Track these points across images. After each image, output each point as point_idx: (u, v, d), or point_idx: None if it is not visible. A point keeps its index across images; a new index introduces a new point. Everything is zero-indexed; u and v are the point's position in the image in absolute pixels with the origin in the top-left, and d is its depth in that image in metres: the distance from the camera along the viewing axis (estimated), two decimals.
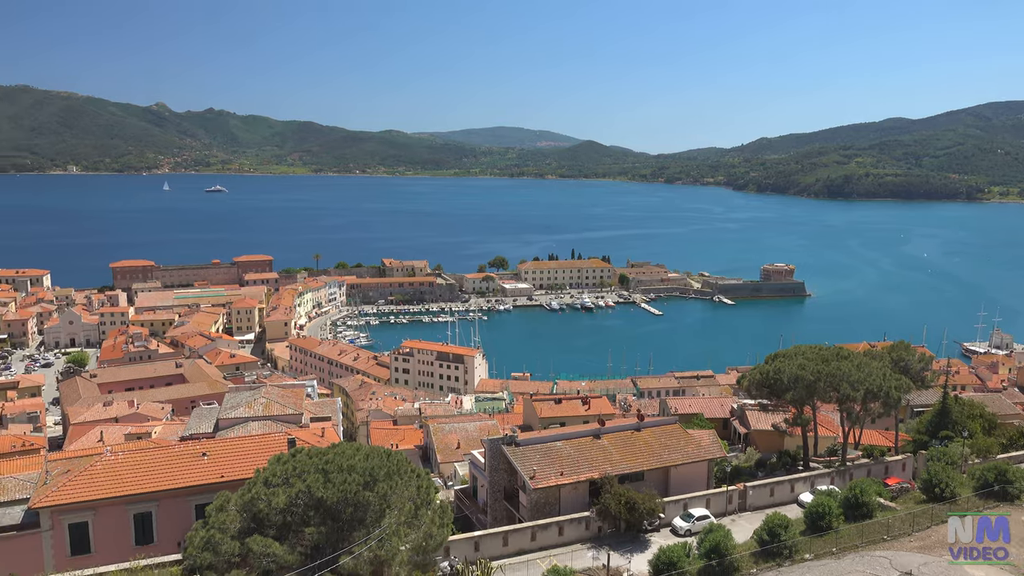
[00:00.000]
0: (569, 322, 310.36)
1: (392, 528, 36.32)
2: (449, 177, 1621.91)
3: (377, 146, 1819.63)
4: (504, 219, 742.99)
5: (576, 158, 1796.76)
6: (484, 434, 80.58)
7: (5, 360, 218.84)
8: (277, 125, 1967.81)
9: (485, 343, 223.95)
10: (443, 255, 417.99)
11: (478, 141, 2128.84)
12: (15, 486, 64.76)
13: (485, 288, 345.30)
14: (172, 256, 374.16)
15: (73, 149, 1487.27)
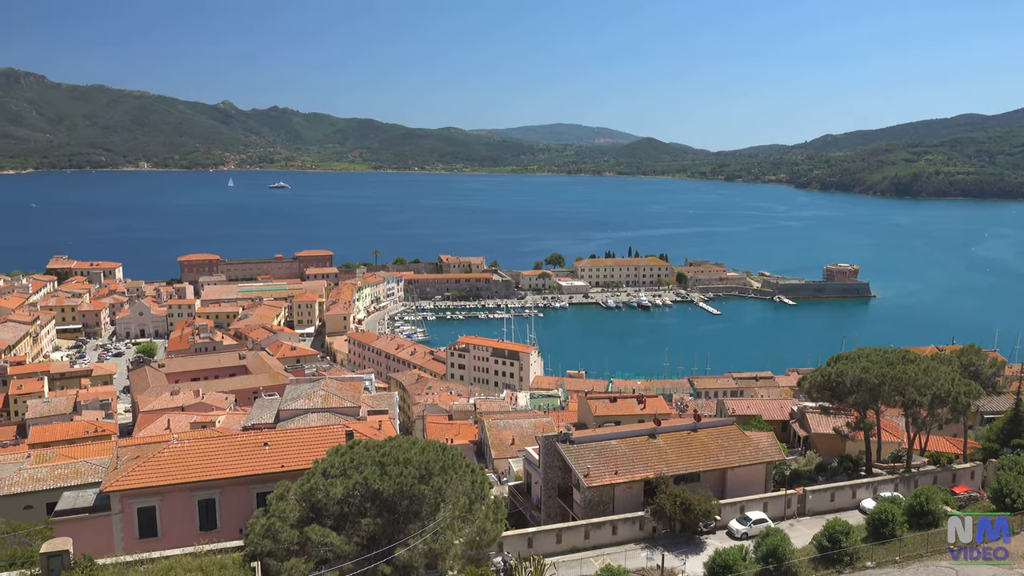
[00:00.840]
0: (625, 320, 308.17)
1: (447, 522, 36.65)
2: (507, 174, 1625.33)
3: (436, 143, 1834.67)
4: (561, 216, 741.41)
5: (634, 155, 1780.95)
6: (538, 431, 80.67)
7: (80, 349, 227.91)
8: (339, 122, 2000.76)
9: (540, 340, 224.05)
10: (500, 252, 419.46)
11: (536, 138, 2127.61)
12: (88, 470, 67.65)
13: (541, 285, 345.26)
14: (236, 250, 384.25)
15: (144, 146, 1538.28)
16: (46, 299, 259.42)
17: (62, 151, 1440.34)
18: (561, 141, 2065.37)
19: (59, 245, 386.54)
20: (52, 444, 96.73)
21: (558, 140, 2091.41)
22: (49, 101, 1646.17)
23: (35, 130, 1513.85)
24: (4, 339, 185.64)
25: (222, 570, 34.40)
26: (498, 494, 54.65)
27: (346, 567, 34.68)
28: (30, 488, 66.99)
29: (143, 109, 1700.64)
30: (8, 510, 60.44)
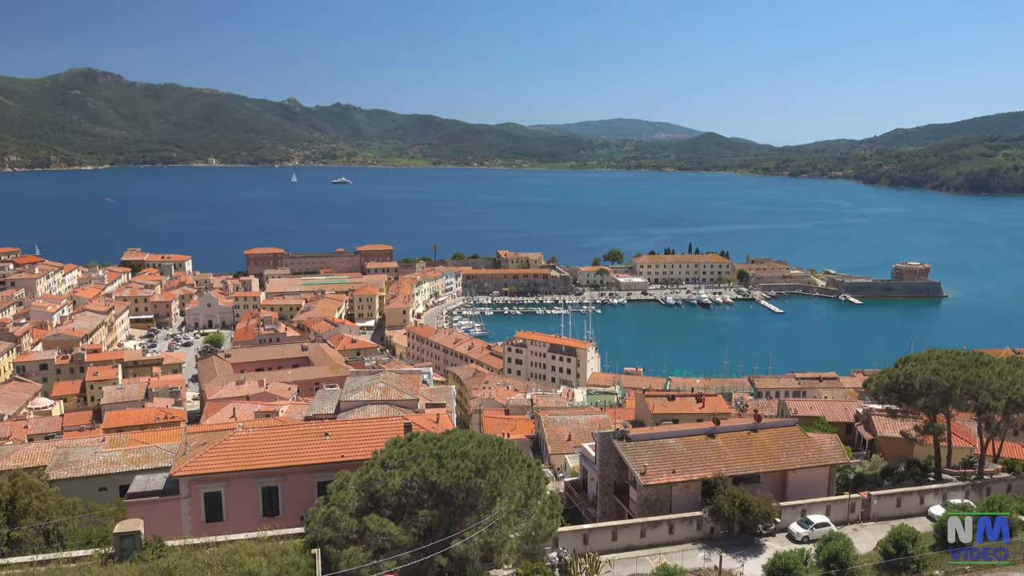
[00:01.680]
0: (685, 318, 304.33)
1: (502, 516, 36.87)
2: (565, 169, 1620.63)
3: (495, 139, 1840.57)
4: (620, 212, 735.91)
5: (696, 150, 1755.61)
6: (595, 427, 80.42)
7: (151, 338, 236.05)
8: (399, 119, 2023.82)
9: (598, 336, 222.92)
10: (558, 247, 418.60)
11: (595, 133, 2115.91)
12: (159, 455, 70.06)
13: (599, 281, 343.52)
14: (300, 244, 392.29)
15: (213, 143, 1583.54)
16: (120, 290, 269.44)
17: (136, 147, 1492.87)
18: (621, 136, 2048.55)
19: (133, 238, 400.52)
20: (125, 429, 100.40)
21: (618, 135, 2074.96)
22: (125, 99, 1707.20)
23: (112, 127, 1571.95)
24: (82, 328, 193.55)
25: (284, 556, 35.27)
26: (554, 490, 54.76)
27: (403, 557, 35.19)
28: (104, 471, 69.76)
29: (212, 107, 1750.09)
30: (84, 491, 63.03)
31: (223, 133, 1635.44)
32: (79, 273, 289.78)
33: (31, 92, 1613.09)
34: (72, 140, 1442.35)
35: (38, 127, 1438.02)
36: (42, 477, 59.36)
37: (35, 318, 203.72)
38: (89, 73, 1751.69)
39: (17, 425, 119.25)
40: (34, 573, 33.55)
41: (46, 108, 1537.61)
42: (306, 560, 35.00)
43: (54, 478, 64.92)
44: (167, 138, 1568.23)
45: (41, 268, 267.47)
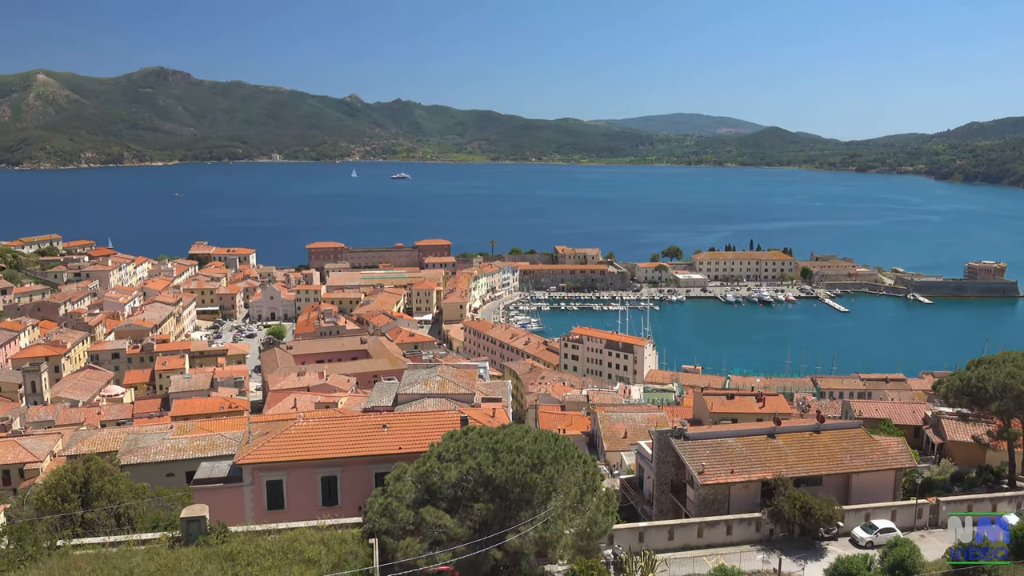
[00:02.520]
0: (745, 315, 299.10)
1: (558, 511, 36.78)
2: (624, 165, 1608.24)
3: (553, 134, 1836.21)
4: (679, 208, 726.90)
5: (758, 145, 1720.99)
6: (652, 425, 79.63)
7: (216, 330, 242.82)
8: (459, 114, 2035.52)
9: (656, 333, 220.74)
10: (616, 243, 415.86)
11: (655, 128, 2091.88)
12: (223, 443, 72.04)
13: (658, 278, 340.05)
14: (360, 239, 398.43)
15: (277, 139, 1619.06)
16: (188, 282, 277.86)
17: (204, 144, 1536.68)
18: (681, 131, 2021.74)
19: (200, 232, 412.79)
20: (191, 417, 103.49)
21: (678, 130, 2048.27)
22: (193, 97, 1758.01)
23: (181, 124, 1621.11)
24: (151, 319, 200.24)
25: (342, 544, 35.85)
26: (610, 487, 54.41)
27: (458, 549, 35.40)
28: (172, 457, 72.11)
29: (277, 104, 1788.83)
30: (153, 476, 65.24)
31: (286, 129, 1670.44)
32: (149, 265, 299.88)
33: (106, 91, 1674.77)
34: (144, 137, 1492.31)
35: (112, 125, 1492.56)
36: (114, 462, 61.51)
37: (108, 309, 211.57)
38: (160, 72, 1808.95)
39: (91, 411, 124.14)
40: (106, 554, 34.81)
41: (120, 106, 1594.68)
42: (364, 550, 35.50)
43: (125, 463, 67.33)
44: (233, 135, 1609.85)
45: (114, 260, 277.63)
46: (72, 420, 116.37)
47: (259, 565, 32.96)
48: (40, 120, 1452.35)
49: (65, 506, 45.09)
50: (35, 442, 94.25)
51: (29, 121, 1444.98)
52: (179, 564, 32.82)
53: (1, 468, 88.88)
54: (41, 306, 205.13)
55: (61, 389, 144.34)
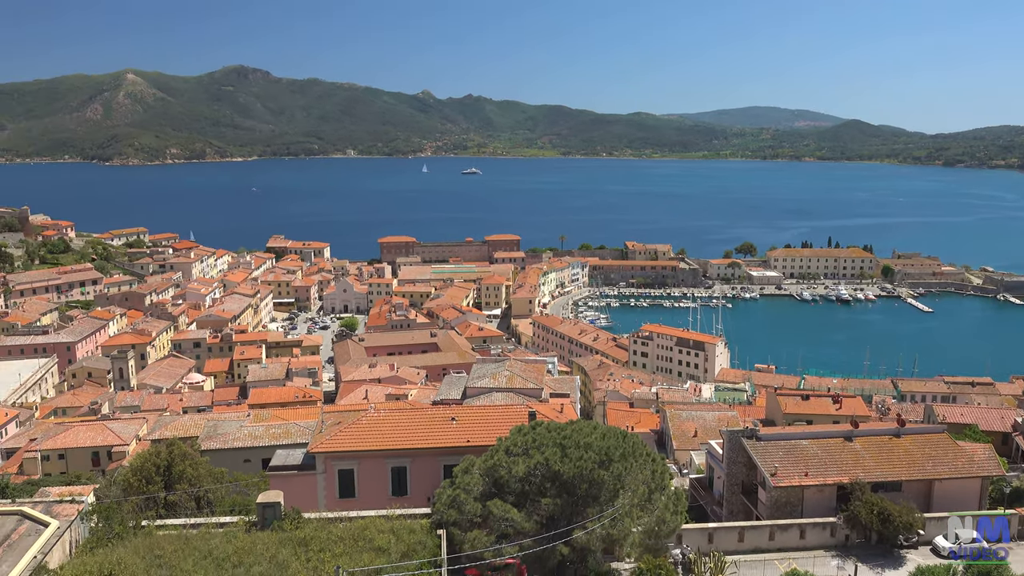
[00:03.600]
0: (822, 314, 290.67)
1: (625, 509, 36.51)
2: (697, 160, 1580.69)
3: (625, 128, 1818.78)
4: (754, 203, 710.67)
5: (838, 139, 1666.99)
6: (723, 424, 78.25)
7: (292, 321, 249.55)
8: (529, 109, 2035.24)
9: (728, 331, 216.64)
10: (687, 239, 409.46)
11: (729, 122, 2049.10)
12: (298, 431, 73.98)
13: (730, 275, 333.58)
14: (431, 233, 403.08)
15: (352, 135, 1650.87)
16: (265, 275, 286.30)
17: (281, 140, 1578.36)
18: (756, 125, 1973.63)
19: (277, 226, 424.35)
20: (267, 406, 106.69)
21: (753, 124, 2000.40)
22: (272, 95, 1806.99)
23: (260, 121, 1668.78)
24: (231, 309, 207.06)
25: (411, 534, 36.40)
26: (678, 486, 53.67)
27: (525, 543, 35.50)
28: (249, 444, 74.52)
29: (351, 100, 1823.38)
30: (230, 462, 67.55)
31: (361, 125, 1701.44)
32: (229, 258, 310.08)
33: (190, 89, 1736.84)
34: (225, 133, 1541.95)
35: (195, 122, 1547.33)
36: (195, 447, 63.89)
37: (190, 299, 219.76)
38: (241, 70, 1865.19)
39: (173, 398, 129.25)
40: (187, 535, 36.21)
41: (203, 104, 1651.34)
42: (432, 540, 35.95)
43: (205, 448, 69.92)
44: (310, 131, 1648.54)
45: (196, 253, 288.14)
46: (156, 406, 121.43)
47: (331, 551, 33.78)
48: (129, 118, 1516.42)
49: (149, 488, 47.06)
50: (122, 426, 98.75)
51: (119, 119, 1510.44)
52: (255, 547, 33.89)
53: (91, 450, 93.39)
54: (128, 296, 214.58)
55: (146, 376, 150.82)
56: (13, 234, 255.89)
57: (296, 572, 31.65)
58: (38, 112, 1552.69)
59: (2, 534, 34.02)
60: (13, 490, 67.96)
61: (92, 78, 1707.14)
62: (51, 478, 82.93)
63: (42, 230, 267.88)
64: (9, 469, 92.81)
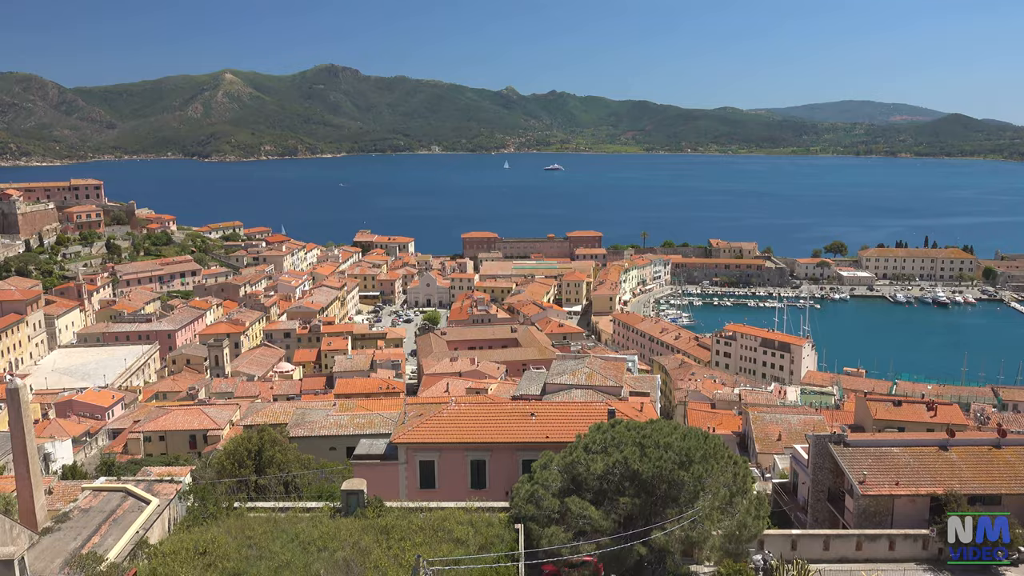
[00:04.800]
0: (917, 317, 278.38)
1: (706, 511, 36.05)
2: (786, 156, 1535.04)
3: (710, 123, 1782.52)
4: (845, 201, 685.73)
5: (937, 134, 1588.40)
6: (809, 429, 76.22)
7: (377, 314, 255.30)
8: (613, 105, 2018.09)
9: (815, 333, 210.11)
10: (774, 238, 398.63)
11: (821, 117, 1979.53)
12: (381, 422, 75.76)
13: (819, 274, 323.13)
14: (512, 229, 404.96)
15: (436, 131, 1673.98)
16: (352, 268, 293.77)
17: (369, 137, 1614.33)
18: (849, 119, 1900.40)
19: (363, 220, 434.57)
20: (352, 396, 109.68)
21: (846, 118, 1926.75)
22: (361, 92, 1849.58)
23: (349, 118, 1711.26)
24: (319, 301, 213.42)
25: (489, 528, 36.90)
26: (761, 490, 52.57)
27: (603, 542, 35.50)
28: (334, 432, 76.81)
29: (437, 97, 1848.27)
30: (317, 449, 69.80)
31: (445, 122, 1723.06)
32: (318, 252, 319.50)
33: (283, 88, 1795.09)
34: (315, 130, 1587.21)
35: (288, 119, 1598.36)
36: (284, 433, 66.24)
37: (281, 291, 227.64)
38: (331, 69, 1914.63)
39: (264, 386, 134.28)
40: (276, 518, 37.72)
41: (295, 102, 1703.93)
42: (509, 534, 36.34)
43: (293, 435, 72.44)
44: (396, 127, 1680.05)
45: (287, 247, 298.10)
46: (248, 393, 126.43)
47: (411, 540, 34.60)
48: (226, 116, 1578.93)
49: (241, 471, 49.11)
50: (217, 411, 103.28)
51: (217, 117, 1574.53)
52: (339, 533, 35.04)
53: (189, 433, 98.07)
54: (224, 287, 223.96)
55: (240, 364, 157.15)
56: (121, 227, 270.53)
57: (378, 559, 32.54)
58: (144, 111, 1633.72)
59: (108, 509, 36.26)
60: (118, 468, 72.27)
61: (193, 78, 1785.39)
62: (152, 458, 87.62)
63: (147, 223, 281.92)
64: (115, 448, 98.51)
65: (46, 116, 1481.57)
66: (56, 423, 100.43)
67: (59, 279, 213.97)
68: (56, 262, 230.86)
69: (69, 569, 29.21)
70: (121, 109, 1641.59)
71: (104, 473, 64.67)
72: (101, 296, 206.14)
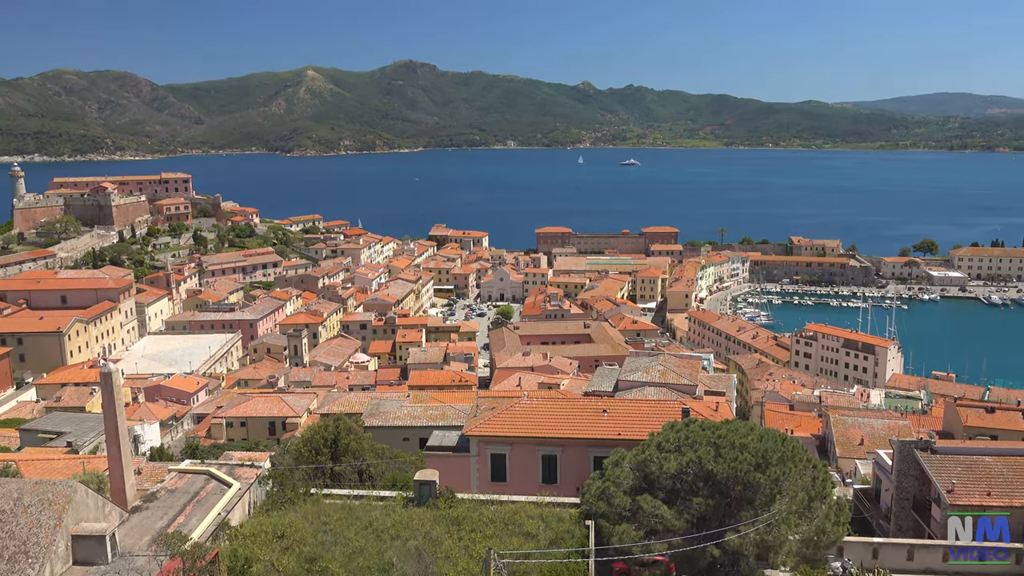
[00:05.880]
0: (1014, 320, 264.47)
1: (782, 515, 35.07)
2: (873, 150, 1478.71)
3: (793, 117, 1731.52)
4: (936, 197, 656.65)
5: None
6: (893, 434, 73.32)
7: (450, 307, 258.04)
8: (691, 99, 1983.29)
9: (902, 334, 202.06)
10: (859, 235, 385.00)
11: (911, 110, 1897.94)
12: (453, 414, 76.52)
13: (907, 274, 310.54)
14: (586, 224, 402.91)
15: (512, 126, 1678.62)
16: (427, 262, 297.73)
17: (445, 132, 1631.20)
18: (942, 112, 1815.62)
19: (439, 214, 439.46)
20: (426, 388, 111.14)
21: (938, 111, 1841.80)
22: (438, 88, 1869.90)
23: (426, 114, 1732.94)
24: (394, 294, 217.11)
25: (559, 523, 36.78)
26: (841, 495, 50.87)
27: (675, 542, 34.94)
28: (408, 423, 77.97)
29: (513, 92, 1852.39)
30: (390, 439, 70.98)
31: (521, 117, 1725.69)
32: (394, 245, 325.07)
33: (363, 84, 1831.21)
34: (393, 126, 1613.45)
35: (367, 115, 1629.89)
36: (359, 423, 67.54)
37: (358, 283, 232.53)
38: (410, 65, 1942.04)
39: (341, 376, 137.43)
40: (350, 505, 38.48)
41: (374, 98, 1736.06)
42: (580, 530, 36.14)
43: (367, 425, 73.82)
44: (472, 122, 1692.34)
45: (364, 240, 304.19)
46: (325, 382, 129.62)
47: (482, 532, 34.75)
48: (308, 112, 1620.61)
49: (318, 458, 50.36)
50: (295, 399, 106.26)
51: (299, 113, 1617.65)
52: (411, 522, 35.48)
53: (268, 420, 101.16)
54: (304, 279, 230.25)
55: (317, 354, 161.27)
56: (207, 219, 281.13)
57: (449, 549, 32.80)
58: (230, 108, 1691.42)
59: (192, 491, 37.69)
60: (201, 452, 75.17)
61: (277, 75, 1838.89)
62: (233, 443, 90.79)
63: (231, 216, 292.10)
64: (198, 432, 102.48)
65: (139, 112, 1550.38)
66: (145, 407, 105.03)
67: (149, 269, 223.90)
68: (147, 252, 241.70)
69: (156, 546, 30.46)
70: (209, 105, 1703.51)
71: (189, 456, 67.42)
72: (188, 286, 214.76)
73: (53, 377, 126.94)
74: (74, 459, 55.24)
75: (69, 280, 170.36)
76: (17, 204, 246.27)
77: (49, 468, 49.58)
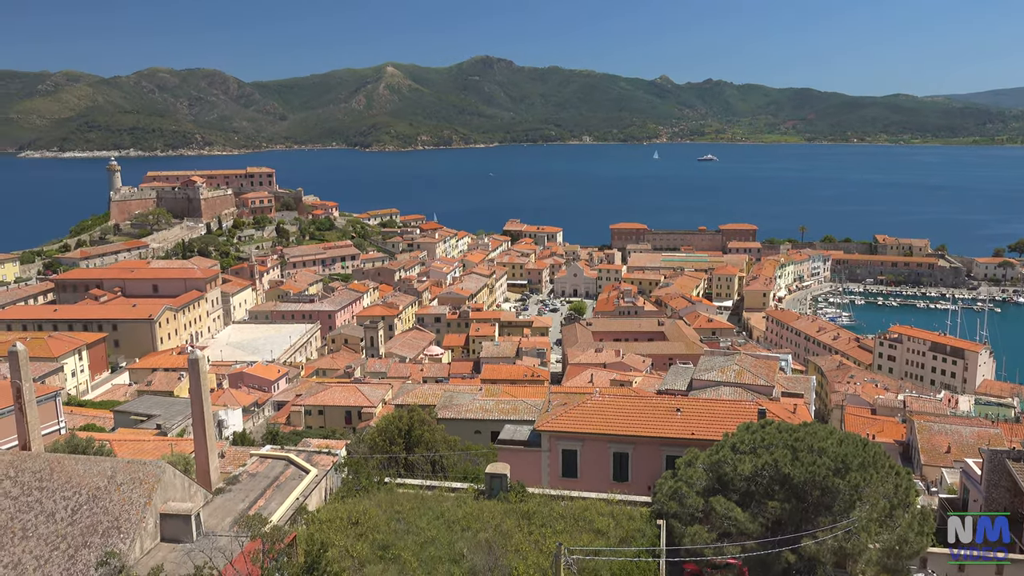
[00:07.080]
0: None
1: (862, 523, 33.99)
2: (966, 146, 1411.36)
3: (879, 111, 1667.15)
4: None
5: None
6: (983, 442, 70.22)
7: (523, 302, 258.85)
8: (772, 93, 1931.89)
9: (994, 339, 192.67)
10: (949, 234, 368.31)
11: (1009, 103, 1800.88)
12: (525, 408, 76.88)
13: (1001, 275, 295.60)
14: (662, 221, 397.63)
15: (588, 121, 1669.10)
16: (501, 256, 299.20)
17: (521, 127, 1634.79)
18: None
19: (513, 209, 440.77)
20: (498, 382, 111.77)
21: None
22: (514, 83, 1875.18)
23: (502, 109, 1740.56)
24: (468, 288, 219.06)
25: (630, 521, 36.58)
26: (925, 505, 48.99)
27: (748, 545, 34.30)
28: (480, 416, 78.68)
29: (589, 87, 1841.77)
30: (463, 431, 71.73)
31: (597, 112, 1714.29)
32: (469, 239, 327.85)
33: (440, 79, 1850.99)
34: (470, 121, 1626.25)
35: (444, 110, 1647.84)
36: (432, 414, 68.51)
37: (433, 277, 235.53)
38: (486, 60, 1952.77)
39: (415, 368, 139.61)
40: (422, 495, 39.16)
41: (451, 93, 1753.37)
42: (651, 529, 35.87)
43: (441, 416, 74.86)
44: (548, 118, 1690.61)
45: (440, 234, 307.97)
46: (400, 374, 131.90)
47: (552, 528, 34.87)
48: (387, 107, 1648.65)
49: (392, 448, 51.29)
50: (371, 390, 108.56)
51: (378, 108, 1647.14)
52: (482, 515, 35.87)
53: (345, 409, 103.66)
54: (381, 272, 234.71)
55: (393, 346, 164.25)
56: (289, 212, 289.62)
57: (519, 543, 33.03)
58: (312, 104, 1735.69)
59: (272, 475, 39.00)
60: (281, 438, 77.63)
61: (357, 72, 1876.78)
62: (311, 431, 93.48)
63: (312, 209, 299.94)
64: (278, 419, 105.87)
65: (227, 109, 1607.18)
66: (229, 393, 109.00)
67: (234, 260, 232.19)
68: (232, 244, 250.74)
69: (237, 528, 31.66)
70: (292, 102, 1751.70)
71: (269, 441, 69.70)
72: (270, 277, 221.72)
73: (145, 362, 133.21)
74: (163, 441, 57.97)
75: (160, 270, 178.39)
76: (114, 197, 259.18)
77: (140, 449, 52.09)
